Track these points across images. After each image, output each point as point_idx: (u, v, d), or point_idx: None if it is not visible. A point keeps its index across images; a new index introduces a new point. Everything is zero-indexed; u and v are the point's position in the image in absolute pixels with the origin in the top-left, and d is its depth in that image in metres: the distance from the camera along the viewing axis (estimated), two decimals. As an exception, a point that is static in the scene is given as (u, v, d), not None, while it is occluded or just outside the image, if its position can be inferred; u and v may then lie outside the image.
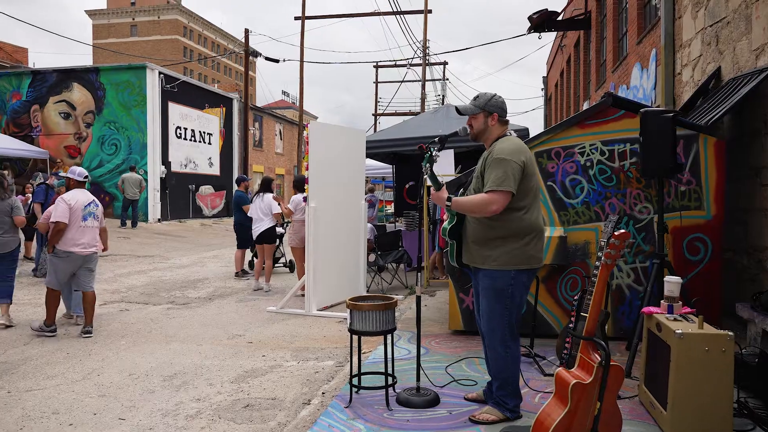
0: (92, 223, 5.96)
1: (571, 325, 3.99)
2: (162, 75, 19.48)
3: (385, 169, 14.54)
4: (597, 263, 3.71)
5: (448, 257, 5.56)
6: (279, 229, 10.34)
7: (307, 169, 6.91)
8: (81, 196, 5.96)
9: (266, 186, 8.78)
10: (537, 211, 3.31)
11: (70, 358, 5.03)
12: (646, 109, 4.42)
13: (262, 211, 8.49)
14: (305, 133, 7.05)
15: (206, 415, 3.75)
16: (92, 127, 18.97)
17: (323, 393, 4.03)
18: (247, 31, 24.31)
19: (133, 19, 73.28)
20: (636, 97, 9.85)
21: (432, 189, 3.34)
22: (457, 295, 5.39)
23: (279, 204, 8.58)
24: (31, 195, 10.81)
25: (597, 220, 5.09)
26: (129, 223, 16.51)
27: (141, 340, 5.66)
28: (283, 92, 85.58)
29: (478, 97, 3.43)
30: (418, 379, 3.70)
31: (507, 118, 3.44)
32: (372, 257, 8.61)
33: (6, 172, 16.40)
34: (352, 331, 3.64)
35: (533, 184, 3.28)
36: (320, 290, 6.94)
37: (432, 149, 3.37)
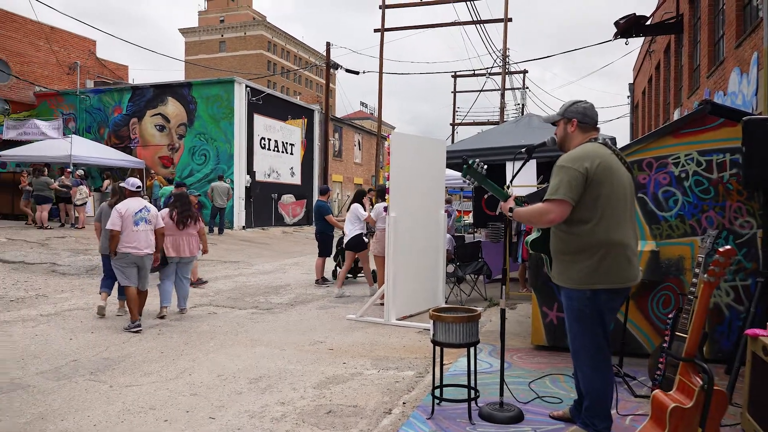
0: (144, 227, 6.57)
1: (665, 345, 3.80)
2: (248, 88, 20.33)
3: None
4: (694, 280, 3.52)
5: (531, 271, 5.44)
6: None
7: (388, 179, 6.98)
8: (133, 204, 6.59)
9: (358, 197, 9.13)
10: (611, 224, 3.01)
11: (164, 357, 5.31)
12: (750, 117, 4.16)
13: (350, 220, 8.78)
14: (386, 143, 7.13)
15: (291, 418, 3.84)
16: (184, 139, 20.05)
17: (404, 403, 4.04)
18: (328, 45, 24.94)
19: (222, 35, 77.06)
20: (734, 104, 9.26)
21: (501, 201, 3.29)
22: (541, 309, 5.25)
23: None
24: None
25: (693, 234, 4.81)
26: (216, 229, 17.29)
27: (228, 343, 5.89)
28: (362, 103, 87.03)
29: (563, 104, 3.36)
30: (501, 394, 3.63)
31: (591, 124, 3.27)
32: (450, 268, 8.56)
33: (108, 181, 17.63)
34: (435, 343, 3.63)
35: (603, 192, 2.99)
36: (399, 300, 6.96)
37: (470, 161, 3.29)
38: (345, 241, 8.91)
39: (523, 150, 3.39)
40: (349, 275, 10.53)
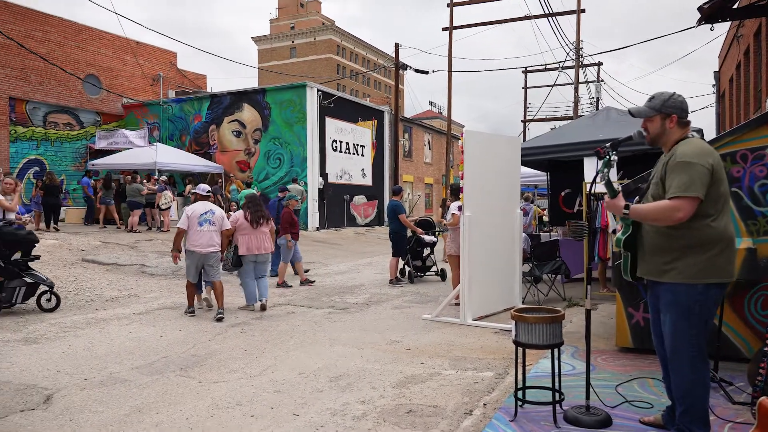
0: (208, 228, 7.25)
1: (766, 349, 3.55)
2: (320, 92, 20.75)
3: (538, 176, 14.09)
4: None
5: (614, 269, 5.23)
6: (430, 238, 10.49)
7: (461, 177, 6.92)
8: (199, 207, 7.31)
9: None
10: (727, 219, 3.02)
11: (247, 355, 5.50)
12: None
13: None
14: (459, 142, 7.07)
15: (372, 417, 3.88)
16: (260, 143, 20.71)
17: (484, 404, 3.99)
18: (397, 46, 25.04)
19: (293, 42, 79.06)
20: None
21: (606, 196, 3.16)
22: (626, 310, 5.05)
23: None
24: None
25: (795, 231, 4.48)
26: (291, 231, 17.73)
27: (307, 342, 6.03)
28: (430, 102, 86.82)
29: (653, 97, 3.19)
30: (587, 397, 3.51)
31: (687, 118, 3.15)
32: (527, 267, 8.38)
33: (189, 186, 18.45)
34: (517, 344, 3.56)
35: (723, 189, 2.99)
36: (475, 300, 6.89)
37: (611, 153, 3.19)
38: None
39: (607, 145, 3.25)
40: (419, 274, 10.53)
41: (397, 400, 4.21)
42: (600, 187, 3.63)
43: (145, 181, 16.40)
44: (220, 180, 20.07)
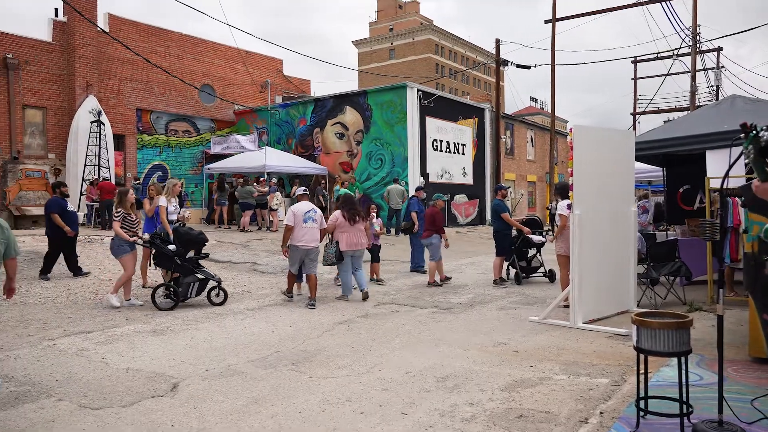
0: (311, 225, 8.02)
1: None
2: (420, 92, 20.79)
3: (652, 172, 13.24)
4: None
5: (746, 271, 4.78)
6: (539, 238, 10.16)
7: (570, 174, 6.64)
8: (303, 206, 8.12)
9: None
10: None
11: (354, 352, 5.60)
12: None
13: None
14: (568, 137, 6.79)
15: (481, 420, 3.81)
16: (361, 145, 21.11)
17: (601, 413, 3.79)
18: (498, 41, 24.58)
19: (392, 43, 79.95)
20: None
21: (755, 181, 2.86)
22: (761, 317, 4.57)
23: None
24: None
25: None
26: (393, 230, 17.92)
27: (412, 341, 6.04)
28: (531, 98, 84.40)
29: None
30: (720, 411, 3.23)
31: None
32: (641, 269, 7.89)
33: (295, 187, 19.17)
34: (638, 350, 3.34)
35: None
36: (585, 302, 6.58)
37: (759, 129, 2.86)
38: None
39: (741, 136, 2.97)
40: (525, 275, 10.22)
41: (506, 403, 4.11)
42: (733, 182, 3.33)
43: (255, 183, 17.25)
44: (323, 181, 20.68)
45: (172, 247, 7.83)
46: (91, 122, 17.85)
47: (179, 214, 9.45)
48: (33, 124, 17.92)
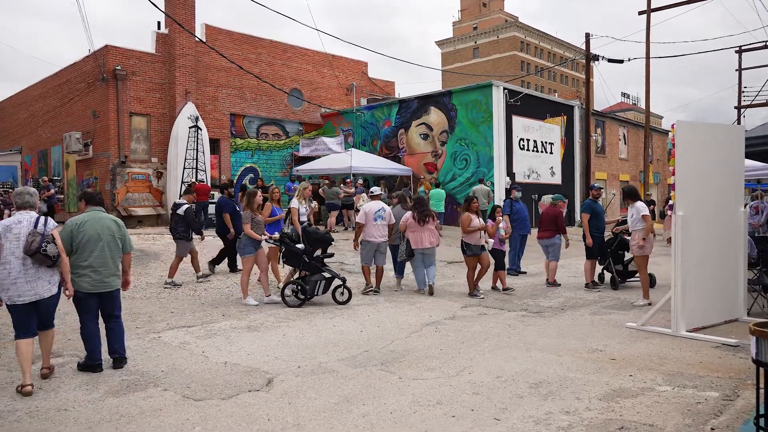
0: (381, 222, 8.95)
1: None
2: (506, 90, 20.38)
3: (762, 170, 12.24)
4: None
5: None
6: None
7: (672, 173, 6.27)
8: (374, 205, 9.03)
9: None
10: None
11: (443, 354, 5.56)
12: None
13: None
14: (670, 134, 6.41)
15: (578, 430, 3.66)
16: (446, 145, 20.99)
17: (712, 429, 3.54)
18: (587, 36, 23.64)
19: (475, 42, 79.05)
20: None
21: None
22: None
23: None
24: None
25: None
26: (478, 231, 17.67)
27: (502, 345, 5.91)
28: (623, 94, 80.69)
29: None
30: None
31: None
32: (751, 274, 7.31)
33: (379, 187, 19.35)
34: (758, 363, 3.09)
35: None
36: (689, 309, 6.18)
37: None
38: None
39: None
40: (621, 279, 9.75)
41: (605, 414, 3.92)
42: None
43: (341, 184, 17.58)
44: (408, 182, 20.73)
45: (300, 246, 8.13)
46: (190, 127, 18.88)
47: (307, 214, 10.05)
48: (138, 130, 19.19)
